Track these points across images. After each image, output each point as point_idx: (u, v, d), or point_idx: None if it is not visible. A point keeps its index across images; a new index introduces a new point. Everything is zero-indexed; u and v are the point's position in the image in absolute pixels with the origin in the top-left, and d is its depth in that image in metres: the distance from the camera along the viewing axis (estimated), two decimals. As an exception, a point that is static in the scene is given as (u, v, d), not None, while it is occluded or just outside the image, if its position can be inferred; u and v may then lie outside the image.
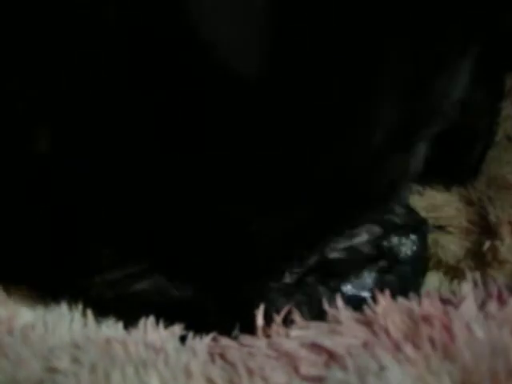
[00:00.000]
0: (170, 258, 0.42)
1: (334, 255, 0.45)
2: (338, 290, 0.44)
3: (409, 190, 0.50)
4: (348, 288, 0.44)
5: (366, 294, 0.44)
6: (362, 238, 0.45)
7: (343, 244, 0.45)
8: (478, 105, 0.57)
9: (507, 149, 0.57)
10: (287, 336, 0.41)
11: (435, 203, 0.53)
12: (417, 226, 0.48)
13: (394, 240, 0.46)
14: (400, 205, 0.50)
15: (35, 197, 0.41)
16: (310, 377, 0.38)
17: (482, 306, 0.41)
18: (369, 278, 0.44)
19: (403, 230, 0.47)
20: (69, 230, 0.42)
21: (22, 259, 0.43)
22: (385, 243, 0.45)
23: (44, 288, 0.44)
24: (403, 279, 0.45)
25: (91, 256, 0.42)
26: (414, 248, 0.46)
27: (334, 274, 0.44)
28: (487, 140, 0.58)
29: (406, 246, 0.46)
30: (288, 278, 0.44)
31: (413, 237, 0.46)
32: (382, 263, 0.45)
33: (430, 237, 0.51)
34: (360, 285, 0.44)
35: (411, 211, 0.51)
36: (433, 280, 0.50)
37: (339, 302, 0.42)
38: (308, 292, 0.44)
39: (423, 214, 0.51)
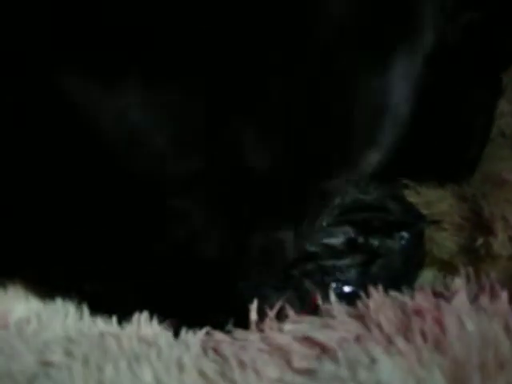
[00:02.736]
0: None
1: (313, 249, 0.46)
2: (322, 283, 0.44)
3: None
4: (332, 282, 0.45)
5: (349, 289, 0.45)
6: (338, 238, 0.46)
7: (322, 240, 0.46)
8: (474, 102, 0.57)
9: (502, 145, 0.57)
10: (280, 330, 0.41)
11: (429, 200, 0.53)
12: (410, 222, 0.49)
13: (375, 237, 0.46)
14: (396, 201, 0.51)
15: (30, 198, 0.41)
16: (302, 370, 0.38)
17: (474, 299, 0.41)
18: (352, 272, 0.45)
19: (391, 227, 0.47)
20: (60, 228, 0.42)
21: (17, 255, 0.43)
22: (360, 240, 0.46)
23: (39, 283, 0.45)
24: (392, 273, 0.46)
25: (85, 251, 0.42)
26: (403, 243, 0.47)
27: (316, 268, 0.45)
28: (483, 138, 0.58)
29: (394, 241, 0.47)
30: None
31: (403, 233, 0.47)
32: (359, 258, 0.46)
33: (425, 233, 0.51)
34: (343, 279, 0.45)
35: (409, 208, 0.51)
36: (427, 276, 0.50)
37: (332, 296, 0.42)
38: (296, 286, 0.44)
39: (417, 210, 0.52)
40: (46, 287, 0.45)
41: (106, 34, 0.36)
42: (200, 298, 0.44)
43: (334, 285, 0.45)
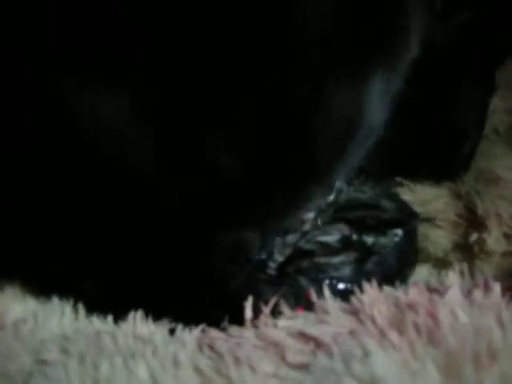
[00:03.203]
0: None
1: (308, 246, 0.46)
2: (317, 280, 0.45)
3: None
4: (327, 279, 0.45)
5: (343, 286, 0.45)
6: (333, 236, 0.47)
7: (318, 238, 0.46)
8: (468, 100, 0.58)
9: (495, 143, 0.57)
10: (275, 326, 0.41)
11: (424, 198, 0.54)
12: (403, 220, 0.49)
13: (369, 235, 0.47)
14: (390, 199, 0.51)
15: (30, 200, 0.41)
16: (296, 364, 0.38)
17: (468, 294, 0.41)
18: (346, 269, 0.45)
19: (385, 225, 0.48)
20: (60, 227, 0.42)
21: (14, 255, 0.44)
22: (355, 238, 0.47)
23: (36, 282, 0.45)
24: (386, 269, 0.46)
25: (80, 251, 0.43)
26: (397, 240, 0.47)
27: (311, 265, 0.45)
28: (477, 136, 0.59)
29: (387, 238, 0.47)
30: (271, 269, 0.45)
31: (396, 230, 0.47)
32: (354, 255, 0.46)
33: (419, 230, 0.52)
34: (338, 276, 0.45)
35: (402, 206, 0.52)
36: (422, 272, 0.51)
37: (326, 292, 0.42)
38: (290, 283, 0.44)
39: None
40: (42, 287, 0.45)
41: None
42: (195, 296, 0.44)
43: (328, 282, 0.45)
